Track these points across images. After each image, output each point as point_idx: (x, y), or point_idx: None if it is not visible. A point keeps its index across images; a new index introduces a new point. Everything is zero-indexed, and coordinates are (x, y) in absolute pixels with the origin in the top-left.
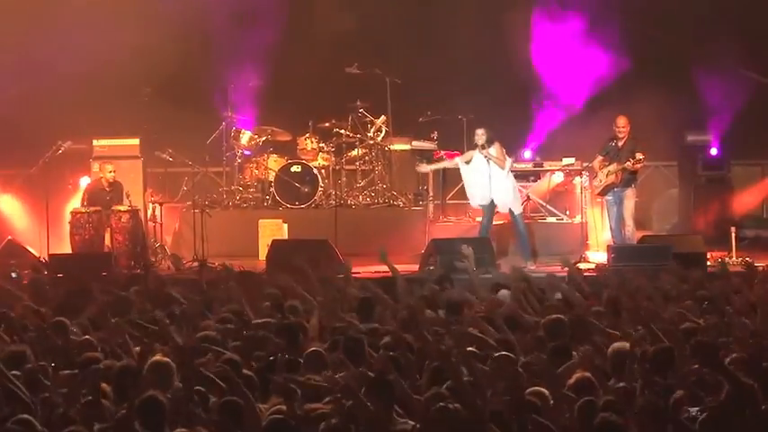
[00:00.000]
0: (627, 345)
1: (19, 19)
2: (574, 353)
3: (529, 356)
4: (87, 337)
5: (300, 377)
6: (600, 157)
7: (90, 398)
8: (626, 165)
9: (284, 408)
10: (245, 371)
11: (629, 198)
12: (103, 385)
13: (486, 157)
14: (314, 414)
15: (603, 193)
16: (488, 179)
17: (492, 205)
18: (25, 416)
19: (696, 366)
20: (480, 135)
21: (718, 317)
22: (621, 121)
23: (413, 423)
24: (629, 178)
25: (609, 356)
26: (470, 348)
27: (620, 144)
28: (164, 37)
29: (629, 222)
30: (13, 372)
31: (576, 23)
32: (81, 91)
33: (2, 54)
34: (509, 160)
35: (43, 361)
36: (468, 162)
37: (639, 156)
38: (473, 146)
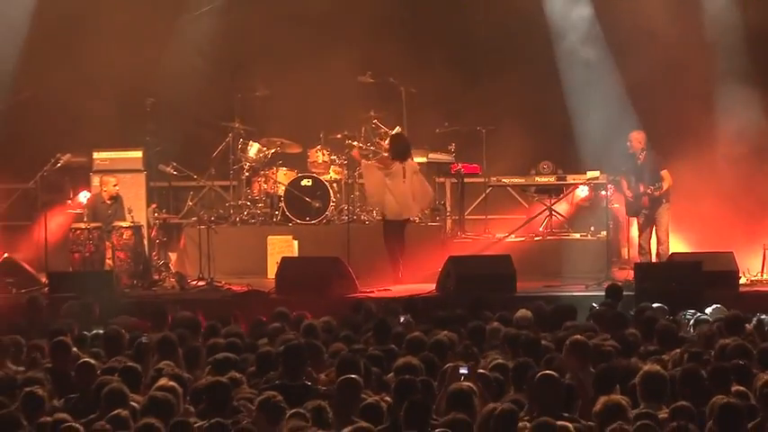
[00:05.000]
0: (659, 368)
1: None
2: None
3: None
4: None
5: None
6: (625, 182)
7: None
8: (649, 191)
9: None
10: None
11: (663, 215)
12: None
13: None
14: None
15: (635, 214)
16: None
17: None
18: None
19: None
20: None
21: None
22: (636, 136)
23: None
24: (660, 196)
25: (639, 380)
26: None
27: (640, 159)
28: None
29: (664, 240)
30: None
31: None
32: (82, 101)
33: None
34: None
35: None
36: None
37: (664, 181)
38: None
